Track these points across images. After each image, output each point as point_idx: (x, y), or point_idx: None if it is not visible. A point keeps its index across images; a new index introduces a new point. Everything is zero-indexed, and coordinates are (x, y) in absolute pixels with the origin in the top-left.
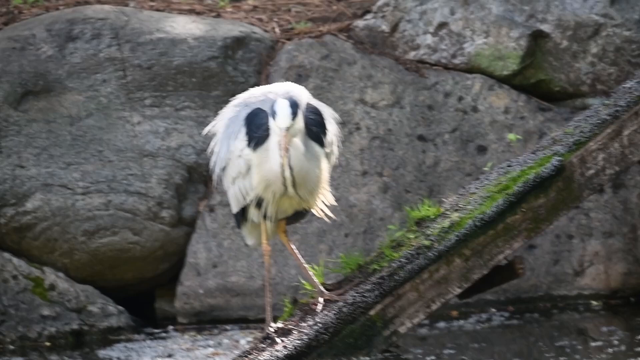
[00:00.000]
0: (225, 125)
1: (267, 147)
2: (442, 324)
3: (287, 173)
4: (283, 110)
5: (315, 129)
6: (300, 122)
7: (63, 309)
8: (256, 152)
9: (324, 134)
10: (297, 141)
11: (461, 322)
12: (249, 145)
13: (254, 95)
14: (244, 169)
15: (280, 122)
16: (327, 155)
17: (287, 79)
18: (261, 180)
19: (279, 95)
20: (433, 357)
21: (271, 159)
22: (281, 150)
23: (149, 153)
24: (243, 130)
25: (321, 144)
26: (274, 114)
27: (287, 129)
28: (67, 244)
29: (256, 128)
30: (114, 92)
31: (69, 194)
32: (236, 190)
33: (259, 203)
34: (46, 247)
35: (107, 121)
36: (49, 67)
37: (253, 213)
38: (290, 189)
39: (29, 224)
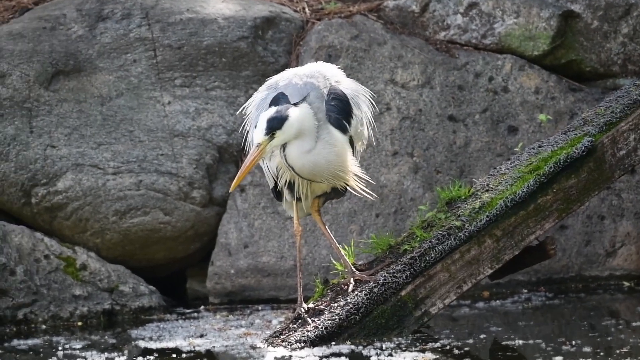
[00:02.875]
0: (257, 105)
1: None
2: (474, 305)
3: (288, 172)
4: (260, 124)
5: (334, 116)
6: (290, 129)
7: (95, 288)
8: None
9: (347, 120)
10: (293, 143)
11: (493, 302)
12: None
13: (283, 78)
14: (269, 152)
15: (254, 137)
16: (353, 139)
17: (317, 59)
18: (279, 165)
19: (303, 78)
20: (464, 338)
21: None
22: (244, 166)
23: (180, 133)
24: None
25: (344, 130)
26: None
27: (259, 145)
28: (98, 224)
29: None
30: (144, 72)
31: (100, 173)
32: (266, 169)
33: (290, 183)
34: (77, 226)
35: (137, 101)
36: (80, 47)
37: (286, 192)
38: (302, 179)
39: (60, 204)
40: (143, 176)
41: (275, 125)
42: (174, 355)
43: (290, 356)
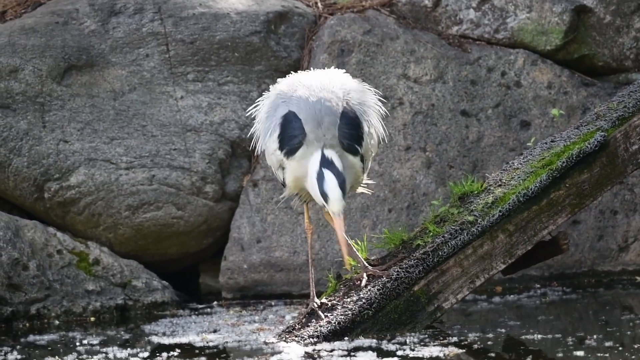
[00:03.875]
0: (266, 113)
1: (299, 157)
2: (490, 300)
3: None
4: (334, 194)
5: (347, 143)
6: (348, 185)
7: (107, 283)
8: (289, 160)
9: (359, 143)
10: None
11: (509, 297)
12: (281, 151)
13: (292, 88)
14: (276, 165)
15: (334, 208)
16: (363, 154)
17: (329, 54)
18: (293, 180)
19: (317, 104)
20: (483, 333)
21: (311, 188)
22: (342, 241)
23: (192, 128)
24: (277, 131)
25: (356, 153)
26: (325, 196)
27: (340, 214)
28: (111, 219)
29: (288, 139)
30: (156, 67)
31: (112, 168)
32: (274, 174)
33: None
34: (90, 221)
35: (150, 96)
36: (92, 42)
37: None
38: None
39: (73, 199)
40: (156, 171)
41: (344, 188)
42: (191, 351)
43: (318, 350)
